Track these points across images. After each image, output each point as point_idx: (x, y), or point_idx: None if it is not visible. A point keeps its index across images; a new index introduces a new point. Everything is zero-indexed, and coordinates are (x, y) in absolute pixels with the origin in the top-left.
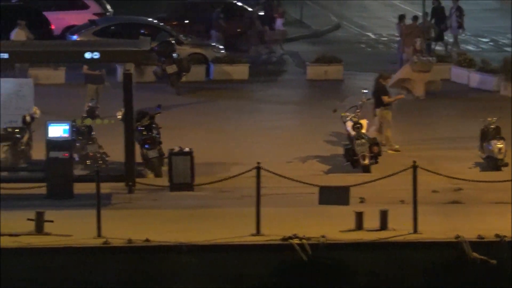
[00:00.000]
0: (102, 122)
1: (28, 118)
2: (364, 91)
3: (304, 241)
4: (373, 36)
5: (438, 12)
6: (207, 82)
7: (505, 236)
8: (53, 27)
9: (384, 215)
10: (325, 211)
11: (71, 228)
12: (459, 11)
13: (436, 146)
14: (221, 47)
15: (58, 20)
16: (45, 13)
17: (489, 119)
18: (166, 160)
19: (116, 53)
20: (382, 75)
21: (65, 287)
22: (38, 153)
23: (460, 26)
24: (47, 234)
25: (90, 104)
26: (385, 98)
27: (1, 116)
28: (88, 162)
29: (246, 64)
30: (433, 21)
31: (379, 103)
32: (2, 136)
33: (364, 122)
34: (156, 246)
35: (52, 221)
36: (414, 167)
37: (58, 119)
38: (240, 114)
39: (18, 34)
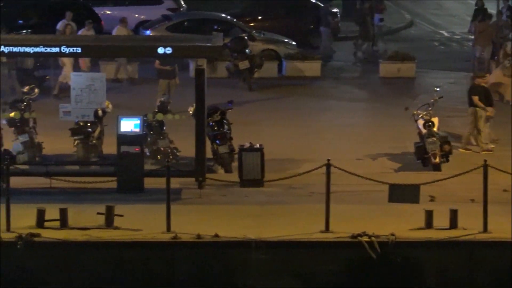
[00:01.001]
0: (173, 117)
1: (100, 112)
2: (436, 89)
3: (373, 238)
4: (446, 34)
5: (480, 13)
6: (279, 79)
7: None
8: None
9: (454, 214)
10: (395, 209)
11: (140, 222)
12: (510, 11)
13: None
14: (294, 43)
15: (132, 14)
16: (119, 8)
17: None
18: (236, 156)
19: (189, 48)
20: (475, 74)
21: (134, 281)
22: (109, 147)
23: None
24: (116, 228)
25: (161, 99)
26: (475, 99)
27: (74, 110)
28: (159, 157)
29: (319, 61)
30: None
31: (470, 102)
32: (74, 130)
33: (435, 120)
34: (225, 241)
35: (122, 215)
36: (485, 166)
37: (130, 114)
38: (312, 111)
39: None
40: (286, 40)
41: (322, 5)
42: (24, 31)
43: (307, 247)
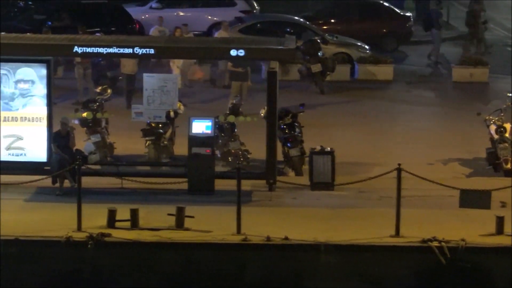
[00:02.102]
0: (245, 119)
1: (172, 114)
2: (509, 94)
3: (443, 244)
4: None
5: None
6: (351, 82)
7: None
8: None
9: None
10: (465, 215)
11: (211, 224)
12: None
13: None
14: (367, 47)
15: (205, 16)
16: (192, 10)
17: None
18: (307, 159)
19: (262, 51)
20: None
21: (203, 282)
22: (181, 148)
23: None
24: (187, 229)
25: (233, 101)
26: None
27: (146, 111)
28: (229, 158)
29: (391, 65)
30: None
31: None
32: (145, 131)
33: (507, 126)
34: (295, 244)
35: (192, 217)
36: None
37: (202, 115)
38: (383, 115)
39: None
40: (359, 44)
41: (398, 10)
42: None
43: (377, 251)
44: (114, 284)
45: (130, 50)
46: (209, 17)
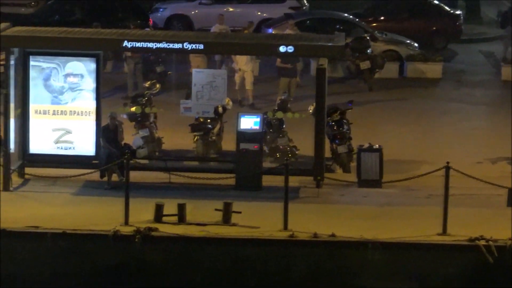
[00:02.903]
0: (293, 116)
1: (220, 109)
2: None
3: (491, 243)
4: None
5: None
6: (400, 80)
7: None
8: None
9: None
10: None
11: (258, 220)
12: None
13: None
14: (416, 45)
15: (255, 12)
16: (241, 6)
17: None
18: (355, 156)
19: (311, 47)
20: None
21: (250, 278)
22: (229, 144)
23: None
24: (234, 225)
25: (282, 97)
26: None
27: (194, 106)
28: (277, 155)
29: (440, 63)
30: None
31: None
32: (194, 126)
33: None
34: (341, 241)
35: (240, 212)
36: None
37: (250, 111)
38: (432, 113)
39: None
40: (408, 41)
41: (447, 8)
42: None
43: (424, 249)
44: (161, 278)
45: (180, 46)
46: (258, 13)
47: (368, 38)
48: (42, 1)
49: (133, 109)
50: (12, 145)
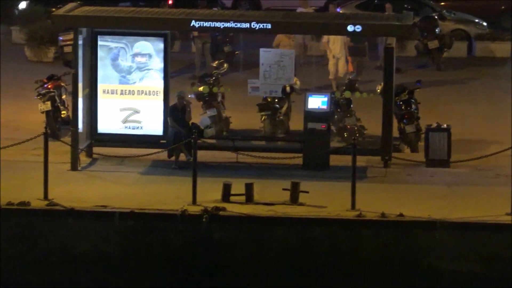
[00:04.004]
0: (361, 96)
1: (288, 89)
2: None
3: None
4: None
5: None
6: (468, 59)
7: None
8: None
9: None
10: None
11: (325, 199)
12: None
13: None
14: (485, 24)
15: None
16: None
17: None
18: (423, 136)
19: (379, 27)
20: None
21: (317, 258)
22: (296, 123)
23: None
24: (301, 204)
25: (350, 77)
26: None
27: (262, 85)
28: (345, 134)
29: (509, 42)
30: None
31: None
32: (261, 105)
33: None
34: (409, 221)
35: (307, 192)
36: None
37: (318, 91)
38: (501, 92)
39: None
40: (476, 20)
41: None
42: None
43: (492, 229)
44: (228, 258)
45: (247, 25)
46: None
47: (436, 17)
48: None
49: (200, 88)
50: (80, 125)
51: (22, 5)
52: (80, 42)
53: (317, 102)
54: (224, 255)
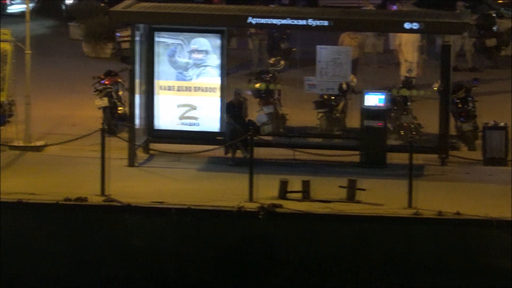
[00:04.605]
0: (418, 93)
1: (344, 86)
2: None
3: None
4: None
5: None
6: None
7: None
8: None
9: None
10: None
11: (382, 197)
12: None
13: None
14: None
15: None
16: None
17: None
18: (480, 134)
19: (436, 24)
20: None
21: (373, 255)
22: (353, 121)
23: None
24: (358, 202)
25: (407, 74)
26: None
27: (319, 83)
28: (401, 132)
29: None
30: None
31: None
32: (318, 102)
33: None
34: (466, 219)
35: (364, 190)
36: None
37: (375, 89)
38: None
39: None
40: None
41: None
42: None
43: None
44: (284, 255)
45: (304, 22)
46: None
47: (494, 15)
48: None
49: (257, 85)
50: (137, 121)
51: (69, 0)
52: (138, 38)
53: (374, 99)
54: (280, 252)
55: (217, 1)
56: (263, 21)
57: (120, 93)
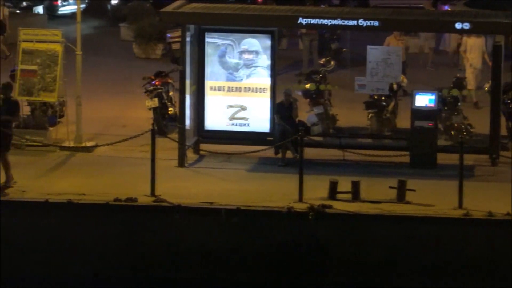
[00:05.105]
0: (468, 93)
1: (395, 86)
2: None
3: None
4: None
5: None
6: None
7: None
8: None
9: None
10: None
11: (432, 198)
12: None
13: None
14: None
15: None
16: None
17: None
18: None
19: (487, 24)
20: None
21: (424, 256)
22: (403, 121)
23: None
24: (408, 202)
25: (458, 75)
26: None
27: (369, 83)
28: (452, 132)
29: None
30: None
31: None
32: (368, 103)
33: None
34: None
35: (414, 190)
36: None
37: (425, 89)
38: None
39: None
40: None
41: None
42: None
43: None
44: (334, 256)
45: (355, 22)
46: None
47: None
48: None
49: (307, 86)
50: (187, 122)
51: (114, 0)
52: (188, 39)
53: (424, 100)
54: (329, 252)
55: (261, 0)
56: (313, 21)
57: (171, 93)
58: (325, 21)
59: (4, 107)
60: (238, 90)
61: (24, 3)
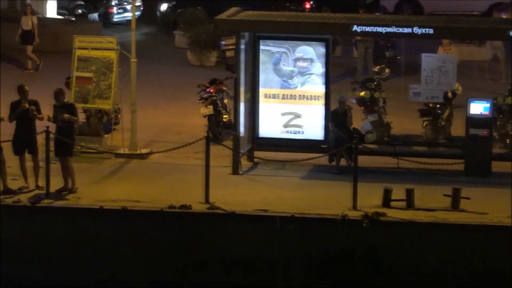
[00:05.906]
0: None
1: (450, 94)
2: None
3: None
4: None
5: None
6: None
7: None
8: (307, 5)
9: None
10: None
11: (487, 206)
12: None
13: None
14: None
15: None
16: None
17: None
18: None
19: None
20: None
21: (478, 265)
22: (458, 129)
23: None
24: (462, 210)
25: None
26: None
27: (424, 91)
28: (507, 140)
29: None
30: None
31: None
32: (423, 111)
33: None
34: None
35: (468, 198)
36: None
37: (480, 97)
38: None
39: None
40: None
41: None
42: None
43: None
44: (388, 264)
45: (409, 30)
46: None
47: None
48: None
49: (362, 93)
50: (241, 129)
51: (163, 7)
52: (242, 46)
53: (479, 108)
54: (384, 260)
55: (308, 8)
56: (367, 29)
57: (225, 101)
58: (379, 29)
59: (60, 110)
60: (293, 98)
61: (80, 11)
